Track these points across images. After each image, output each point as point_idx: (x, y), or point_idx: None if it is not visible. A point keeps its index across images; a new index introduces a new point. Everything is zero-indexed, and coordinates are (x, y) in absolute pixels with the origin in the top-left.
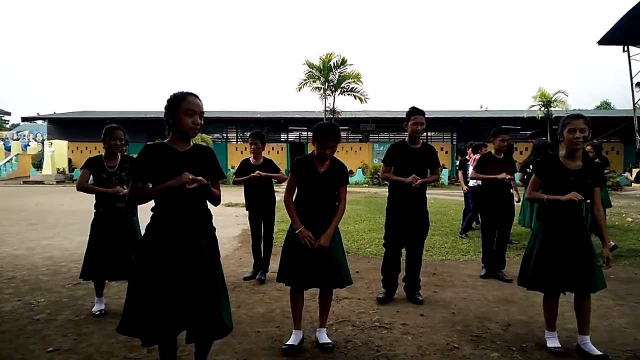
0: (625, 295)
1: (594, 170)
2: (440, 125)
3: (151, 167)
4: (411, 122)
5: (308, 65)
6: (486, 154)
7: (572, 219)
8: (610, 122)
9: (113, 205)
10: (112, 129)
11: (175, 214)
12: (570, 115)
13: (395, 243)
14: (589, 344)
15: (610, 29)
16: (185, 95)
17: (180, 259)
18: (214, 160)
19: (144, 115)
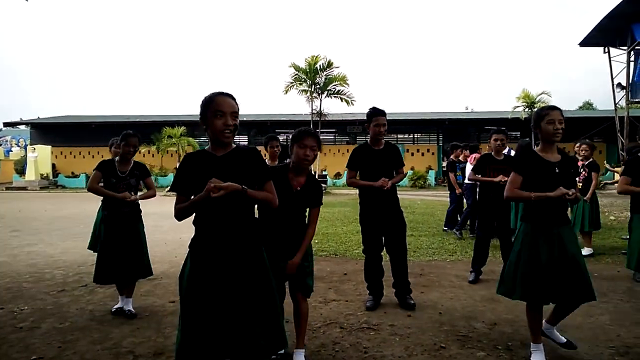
0: (608, 292)
1: (572, 161)
2: (426, 127)
3: (190, 176)
4: (373, 124)
5: (294, 68)
6: (486, 154)
7: (560, 218)
8: (592, 122)
9: (119, 209)
10: (127, 136)
11: (212, 226)
12: (547, 106)
13: (373, 248)
14: (555, 332)
15: (591, 30)
16: (214, 95)
17: (226, 274)
18: (259, 161)
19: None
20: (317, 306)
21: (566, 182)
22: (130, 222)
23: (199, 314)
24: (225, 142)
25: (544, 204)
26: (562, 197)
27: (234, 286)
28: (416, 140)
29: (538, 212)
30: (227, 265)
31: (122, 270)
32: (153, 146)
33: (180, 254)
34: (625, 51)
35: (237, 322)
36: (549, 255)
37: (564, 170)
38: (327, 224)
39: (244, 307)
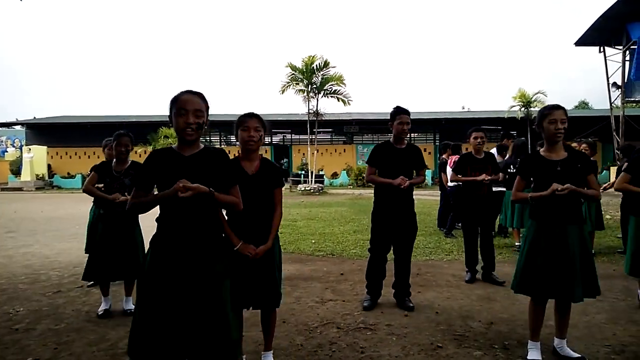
0: (604, 291)
1: (581, 156)
2: (423, 126)
3: (155, 173)
4: (397, 122)
5: (291, 68)
6: (466, 154)
7: (568, 216)
8: (588, 122)
9: (113, 209)
10: (119, 135)
11: (175, 225)
12: (550, 106)
13: (381, 248)
14: (566, 348)
15: (587, 30)
16: (180, 94)
17: (182, 274)
18: (226, 164)
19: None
20: (314, 306)
21: (571, 178)
22: (126, 221)
23: (150, 311)
24: (188, 140)
25: (549, 201)
26: (554, 193)
27: (187, 287)
28: (413, 139)
29: (544, 210)
30: (183, 265)
31: (113, 269)
32: (149, 146)
33: None
34: (620, 51)
35: (187, 324)
36: (551, 250)
37: (568, 167)
38: (324, 224)
39: (194, 310)
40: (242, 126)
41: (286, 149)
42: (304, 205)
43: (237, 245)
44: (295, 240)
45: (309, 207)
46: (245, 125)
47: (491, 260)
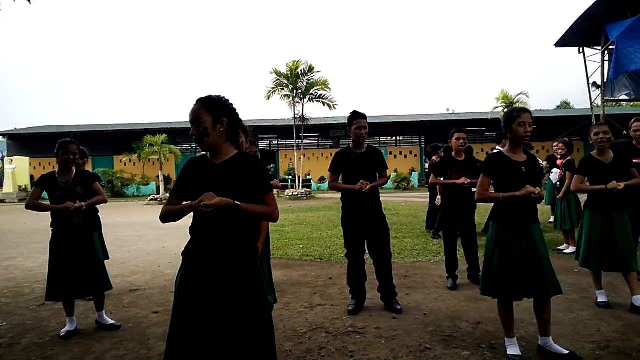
0: (588, 288)
1: (536, 161)
2: (408, 129)
3: (188, 182)
4: (354, 127)
5: (276, 74)
6: (446, 156)
7: (529, 216)
8: (570, 121)
9: (69, 221)
10: (64, 144)
11: (204, 236)
12: (518, 108)
13: (356, 251)
14: (554, 345)
15: (566, 31)
16: None
17: (211, 287)
18: (258, 171)
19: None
20: (303, 311)
21: (532, 180)
22: (81, 234)
23: (184, 324)
24: (203, 149)
25: (513, 202)
26: (528, 195)
27: (221, 299)
28: (399, 142)
29: (507, 210)
30: (216, 277)
31: (75, 286)
32: (134, 154)
33: (164, 263)
34: (599, 51)
35: (223, 337)
36: (520, 251)
37: (530, 169)
38: (312, 228)
39: (231, 322)
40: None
41: (273, 155)
42: (292, 211)
43: None
44: (284, 245)
45: (297, 212)
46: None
47: (475, 262)
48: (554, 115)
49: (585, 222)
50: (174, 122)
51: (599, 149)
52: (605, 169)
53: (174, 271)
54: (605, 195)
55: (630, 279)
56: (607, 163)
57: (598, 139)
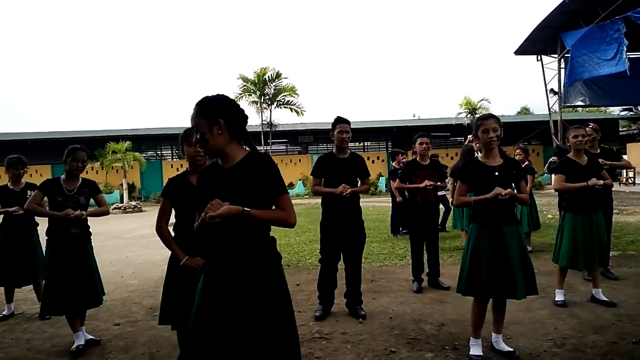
0: (547, 287)
1: (515, 163)
2: (376, 135)
3: (203, 192)
4: (337, 132)
5: (243, 80)
6: (411, 161)
7: (504, 218)
8: (530, 126)
9: (67, 230)
10: (74, 150)
11: (216, 247)
12: (482, 116)
13: (332, 257)
14: (501, 342)
15: (525, 40)
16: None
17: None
18: (272, 172)
19: (70, 135)
20: None
21: (506, 183)
22: (79, 245)
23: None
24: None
25: (488, 205)
26: (496, 197)
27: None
28: (366, 148)
29: (482, 213)
30: (241, 297)
31: (73, 298)
32: (97, 162)
33: (127, 274)
34: (556, 59)
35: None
36: (490, 252)
37: (504, 172)
38: (279, 234)
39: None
40: (187, 141)
41: None
42: None
43: (182, 260)
44: None
45: None
46: (190, 140)
47: (436, 267)
48: (515, 120)
49: (567, 224)
50: (139, 129)
51: (576, 151)
52: (582, 170)
53: (137, 282)
54: (585, 195)
55: (597, 273)
56: (584, 165)
57: (577, 142)
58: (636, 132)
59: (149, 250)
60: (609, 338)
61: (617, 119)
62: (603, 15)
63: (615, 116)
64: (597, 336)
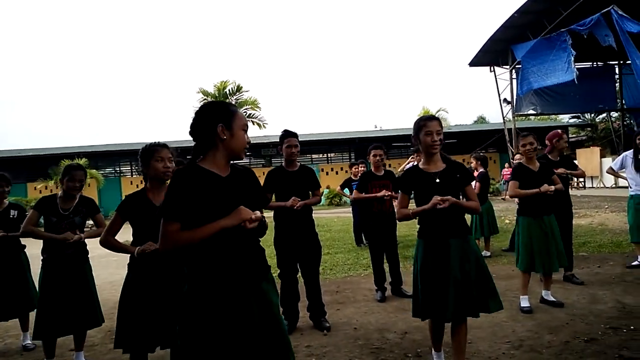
0: (505, 291)
1: (459, 167)
2: (339, 146)
3: (190, 200)
4: (285, 146)
5: (203, 93)
6: (366, 172)
7: (452, 229)
8: (486, 135)
9: (61, 251)
10: (71, 169)
11: (229, 258)
12: (425, 117)
13: (289, 272)
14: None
15: (478, 51)
16: (236, 108)
17: (245, 315)
18: (258, 183)
19: (23, 153)
20: None
21: (451, 190)
22: (74, 265)
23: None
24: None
25: (431, 216)
26: (435, 206)
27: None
28: (330, 159)
29: (427, 225)
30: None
31: (65, 322)
32: (51, 181)
33: None
34: (508, 70)
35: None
36: (437, 269)
37: (447, 178)
38: None
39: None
40: (154, 157)
41: None
42: None
43: (135, 250)
44: None
45: None
46: (159, 155)
47: (398, 276)
48: (471, 129)
49: (521, 229)
50: (96, 145)
51: (528, 158)
52: (534, 176)
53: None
54: (537, 200)
55: (549, 277)
56: (536, 171)
57: (525, 150)
58: (584, 138)
59: (108, 270)
60: (562, 338)
61: (566, 126)
62: (550, 28)
63: (565, 123)
64: (551, 336)
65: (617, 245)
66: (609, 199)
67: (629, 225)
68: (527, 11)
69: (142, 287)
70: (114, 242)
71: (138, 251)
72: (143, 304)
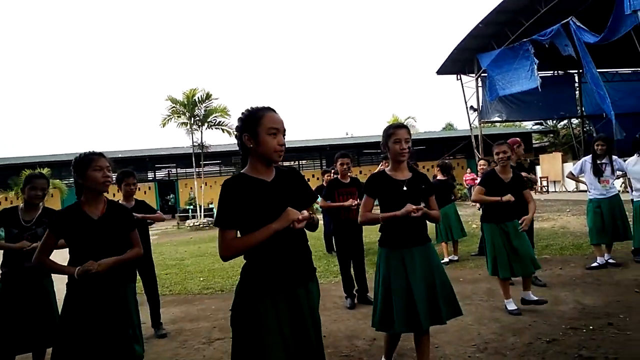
0: (471, 295)
1: (423, 177)
2: (310, 153)
3: (239, 207)
4: None
5: (171, 101)
6: (333, 179)
7: (416, 237)
8: (454, 141)
9: (20, 264)
10: (32, 178)
11: (279, 259)
12: (394, 125)
13: None
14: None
15: (445, 61)
16: (264, 110)
17: (294, 317)
18: (303, 181)
19: None
20: (200, 348)
21: (416, 199)
22: (34, 279)
23: None
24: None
25: (397, 224)
26: (408, 214)
27: (299, 330)
28: (301, 166)
29: (392, 233)
30: (294, 305)
31: (28, 338)
32: (11, 192)
33: None
34: (473, 78)
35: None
36: (404, 280)
37: (413, 187)
38: (213, 259)
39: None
40: (92, 166)
41: (172, 184)
42: (193, 242)
43: (75, 271)
44: (182, 280)
45: (198, 244)
46: (97, 165)
47: (364, 283)
48: (440, 136)
49: (486, 234)
50: (59, 154)
51: (501, 166)
52: (503, 186)
53: None
54: (499, 207)
55: (527, 278)
56: (507, 182)
57: (499, 158)
58: (547, 144)
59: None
60: (525, 339)
61: (530, 133)
62: (512, 37)
63: (529, 130)
64: (515, 338)
65: (578, 247)
66: (571, 203)
67: (588, 228)
68: (491, 22)
69: (83, 308)
70: (50, 263)
71: (79, 272)
72: (84, 327)
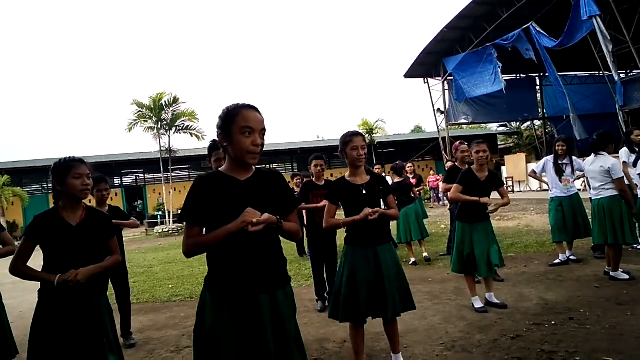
0: (440, 294)
1: (381, 179)
2: (281, 157)
3: (207, 204)
4: (213, 159)
5: (137, 105)
6: (308, 182)
7: (377, 237)
8: (422, 143)
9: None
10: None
11: (239, 264)
12: (350, 133)
13: None
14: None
15: (412, 64)
16: (240, 108)
17: (252, 324)
18: (285, 186)
19: None
20: (168, 357)
21: (375, 201)
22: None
23: None
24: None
25: (360, 225)
26: (366, 217)
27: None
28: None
29: (356, 234)
30: (254, 312)
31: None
32: None
33: None
34: (440, 81)
35: None
36: (367, 274)
37: (372, 189)
38: (183, 266)
39: None
40: (72, 174)
41: (140, 190)
42: (162, 249)
43: (55, 279)
44: (151, 287)
45: (167, 250)
46: (77, 172)
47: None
48: (409, 138)
49: (457, 232)
50: (20, 161)
51: (479, 165)
52: (479, 185)
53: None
54: (473, 207)
55: (489, 279)
56: (482, 180)
57: (478, 157)
58: (512, 145)
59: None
60: (491, 336)
61: (495, 134)
62: (476, 42)
63: (494, 132)
64: (481, 335)
65: (542, 245)
66: (535, 202)
67: (550, 226)
68: (455, 27)
69: (57, 318)
70: (27, 270)
71: (59, 280)
72: (58, 336)
